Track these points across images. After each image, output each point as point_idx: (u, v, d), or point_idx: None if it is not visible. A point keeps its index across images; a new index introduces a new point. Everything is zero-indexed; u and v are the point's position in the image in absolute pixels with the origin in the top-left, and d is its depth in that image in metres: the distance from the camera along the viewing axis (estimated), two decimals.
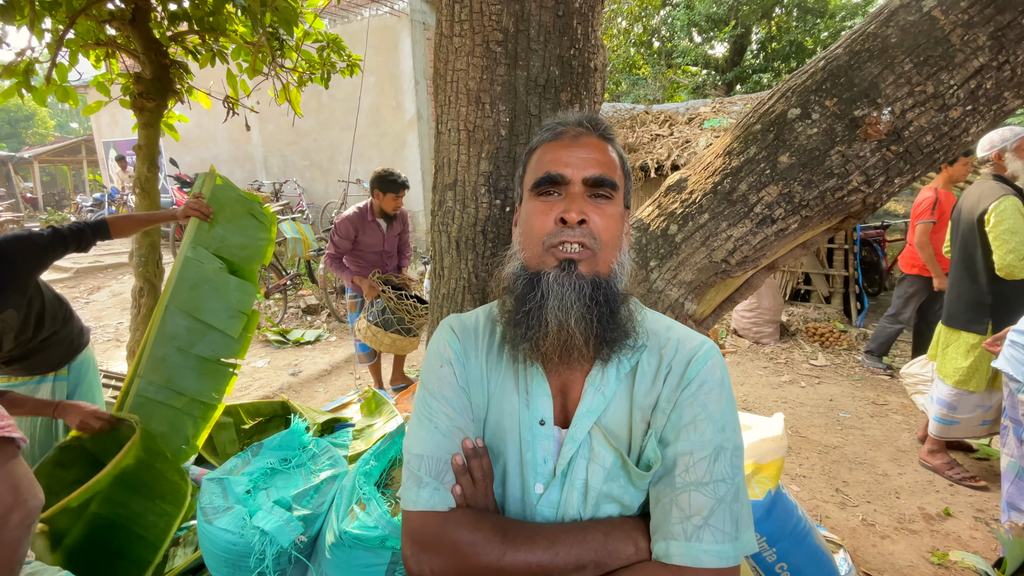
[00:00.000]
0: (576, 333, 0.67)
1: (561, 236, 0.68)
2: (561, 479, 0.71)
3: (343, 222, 3.08)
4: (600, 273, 0.69)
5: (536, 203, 0.72)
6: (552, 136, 0.74)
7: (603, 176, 0.70)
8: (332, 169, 7.86)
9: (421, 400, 0.76)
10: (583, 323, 0.66)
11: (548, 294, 0.67)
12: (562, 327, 0.67)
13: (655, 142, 5.50)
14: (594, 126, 0.74)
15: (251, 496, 1.25)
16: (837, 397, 3.50)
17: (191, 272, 1.82)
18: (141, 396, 1.72)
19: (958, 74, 0.87)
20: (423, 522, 0.68)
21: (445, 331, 0.80)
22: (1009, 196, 2.22)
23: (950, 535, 2.15)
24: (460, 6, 1.02)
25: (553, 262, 0.69)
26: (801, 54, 13.08)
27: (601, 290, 0.68)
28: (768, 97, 1.03)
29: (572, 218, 0.68)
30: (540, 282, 0.68)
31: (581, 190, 0.70)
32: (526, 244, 0.73)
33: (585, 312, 0.66)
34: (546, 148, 0.74)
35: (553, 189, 0.71)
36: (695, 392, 0.68)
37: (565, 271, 0.68)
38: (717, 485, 0.64)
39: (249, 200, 2.03)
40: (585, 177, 0.70)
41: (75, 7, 2.11)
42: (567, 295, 0.67)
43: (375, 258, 3.22)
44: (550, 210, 0.70)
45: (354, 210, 3.12)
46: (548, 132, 0.75)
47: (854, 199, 0.96)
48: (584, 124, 0.74)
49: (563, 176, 0.70)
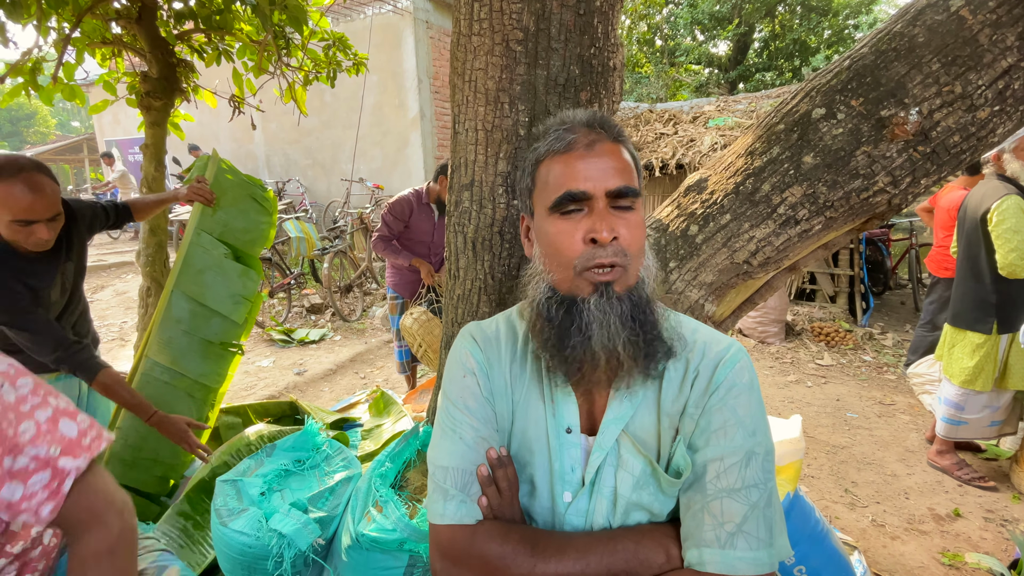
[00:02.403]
0: (627, 358, 0.65)
1: (595, 259, 0.64)
2: (589, 488, 0.70)
3: (397, 202, 2.83)
4: (630, 286, 0.67)
5: (559, 223, 0.67)
6: (564, 146, 0.68)
7: (626, 186, 0.66)
8: (335, 168, 7.84)
9: (444, 411, 0.74)
10: (631, 347, 0.64)
11: (591, 324, 0.64)
12: (611, 355, 0.65)
13: (659, 141, 5.48)
14: (606, 128, 0.69)
15: (266, 498, 1.24)
16: (844, 397, 3.50)
17: (197, 258, 1.85)
18: (147, 376, 1.77)
19: (986, 74, 0.86)
20: (451, 536, 0.67)
21: (466, 340, 0.78)
22: (1012, 195, 2.22)
23: (960, 536, 2.15)
24: (479, 5, 1.01)
25: (588, 287, 0.66)
26: (804, 52, 13.04)
27: (639, 306, 0.66)
28: (791, 97, 1.02)
29: (604, 238, 0.64)
30: (580, 312, 0.65)
31: (605, 203, 0.65)
32: (554, 267, 0.68)
33: (631, 335, 0.64)
34: (558, 160, 0.68)
35: (575, 206, 0.66)
36: (724, 396, 0.67)
37: (604, 296, 0.65)
38: (749, 491, 0.63)
39: (251, 184, 2.06)
40: (609, 190, 0.65)
41: (81, 5, 2.10)
42: (612, 322, 0.64)
43: (423, 249, 2.94)
44: (575, 230, 0.66)
45: (409, 191, 2.87)
46: (557, 141, 0.69)
47: (879, 200, 0.95)
48: (596, 127, 0.69)
49: (585, 193, 0.65)
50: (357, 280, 5.80)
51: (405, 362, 3.16)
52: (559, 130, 0.70)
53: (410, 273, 2.94)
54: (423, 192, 2.85)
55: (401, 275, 2.99)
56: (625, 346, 0.64)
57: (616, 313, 0.65)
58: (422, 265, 2.83)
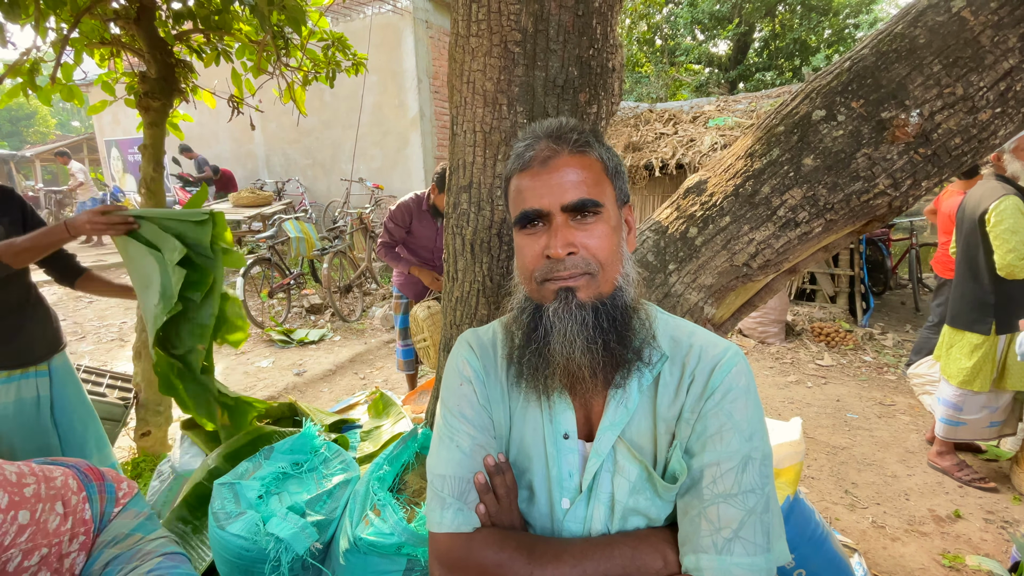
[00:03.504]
0: (583, 366, 0.66)
1: (552, 272, 0.67)
2: (587, 494, 0.70)
3: (398, 209, 2.84)
4: (603, 294, 0.67)
5: (522, 238, 0.70)
6: (522, 165, 0.69)
7: (582, 199, 0.66)
8: (335, 168, 7.83)
9: (442, 419, 0.75)
10: (588, 354, 0.65)
11: (551, 329, 0.66)
12: (569, 361, 0.66)
13: (659, 140, 5.47)
14: (563, 139, 0.69)
15: (263, 501, 1.23)
16: (844, 397, 3.49)
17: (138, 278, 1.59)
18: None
19: (988, 76, 0.86)
20: (449, 544, 0.68)
21: (463, 348, 0.79)
22: (1010, 196, 2.22)
23: (960, 537, 2.14)
24: (478, 6, 1.00)
25: (550, 295, 0.67)
26: (804, 52, 13.03)
27: (604, 314, 0.66)
28: (791, 98, 1.01)
29: (558, 254, 0.65)
30: (543, 317, 0.67)
31: (564, 218, 0.66)
32: (521, 277, 0.72)
33: (588, 344, 0.65)
34: (518, 177, 0.70)
35: (536, 221, 0.68)
36: (720, 401, 0.66)
37: (563, 302, 0.66)
38: (746, 496, 0.62)
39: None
40: (564, 205, 0.66)
41: (80, 6, 2.09)
42: (569, 328, 0.65)
43: (426, 254, 2.94)
44: (535, 244, 0.68)
45: (410, 196, 2.88)
46: (517, 158, 0.70)
47: (880, 202, 0.94)
48: (553, 139, 0.69)
49: (539, 211, 0.67)
50: (357, 280, 5.79)
51: (410, 360, 3.17)
52: (521, 146, 0.71)
53: (401, 250, 2.96)
54: (423, 197, 2.86)
55: (406, 275, 3.00)
56: (583, 353, 0.65)
57: (576, 321, 0.65)
58: (423, 274, 2.84)
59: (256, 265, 5.05)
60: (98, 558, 0.81)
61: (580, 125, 0.71)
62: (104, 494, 0.87)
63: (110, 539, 0.84)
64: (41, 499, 0.77)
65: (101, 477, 0.89)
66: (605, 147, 0.72)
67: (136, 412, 2.58)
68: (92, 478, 0.87)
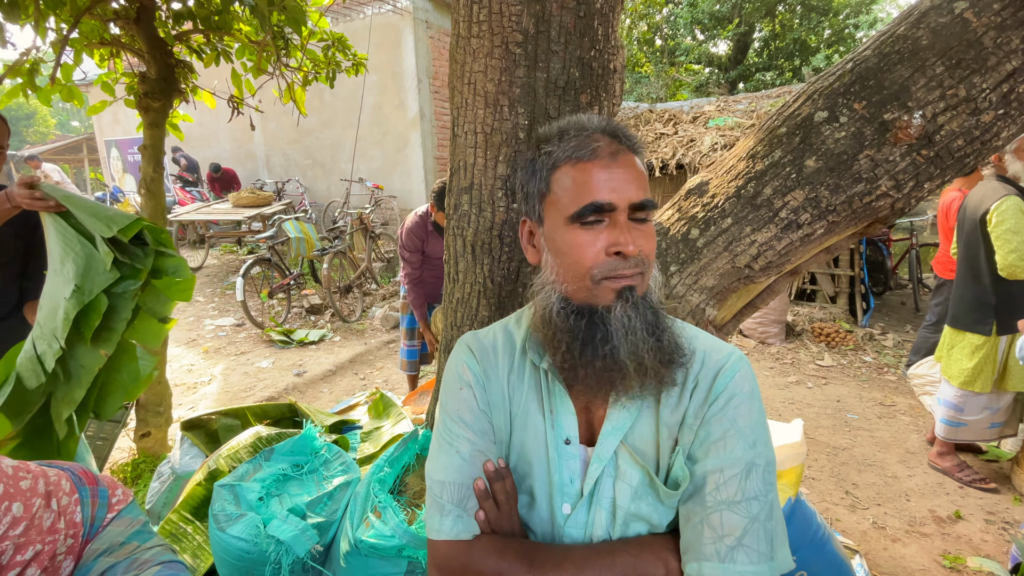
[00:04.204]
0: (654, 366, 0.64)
1: (616, 270, 0.63)
2: (588, 499, 0.69)
3: (408, 235, 2.86)
4: (645, 294, 0.66)
5: (579, 234, 0.65)
6: (589, 154, 0.65)
7: (647, 199, 0.65)
8: (335, 168, 7.83)
9: (442, 424, 0.74)
10: (658, 354, 0.63)
11: (617, 332, 0.63)
12: (639, 364, 0.63)
13: (659, 141, 5.47)
14: (626, 139, 0.67)
15: (264, 503, 1.23)
16: (844, 398, 3.49)
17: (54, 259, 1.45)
18: None
19: (991, 77, 0.85)
20: (448, 551, 0.67)
21: (463, 351, 0.77)
22: (1011, 196, 2.21)
23: (961, 538, 2.14)
24: (479, 7, 1.00)
25: (610, 295, 0.64)
26: (804, 52, 13.03)
27: (657, 313, 0.65)
28: (793, 100, 1.01)
29: (632, 251, 0.63)
30: (604, 321, 0.64)
31: (626, 216, 0.64)
32: (568, 276, 0.66)
33: (656, 342, 0.64)
34: (580, 168, 0.65)
35: (596, 217, 0.64)
36: (723, 407, 0.66)
37: (629, 302, 0.64)
38: (750, 503, 0.62)
39: None
40: (632, 203, 0.64)
41: (79, 6, 2.09)
42: (639, 329, 0.63)
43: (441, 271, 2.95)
44: (596, 240, 0.64)
45: (414, 219, 2.89)
46: (579, 148, 0.66)
47: (882, 204, 0.94)
48: (619, 138, 0.67)
49: (611, 204, 0.63)
50: (357, 280, 5.79)
51: (414, 361, 3.18)
52: (579, 136, 0.67)
53: (423, 272, 2.97)
54: (426, 215, 2.88)
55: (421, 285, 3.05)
56: (652, 353, 0.63)
57: (642, 319, 0.64)
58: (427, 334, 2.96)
59: (256, 265, 5.04)
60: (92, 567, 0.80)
61: (626, 127, 0.70)
62: (96, 499, 0.86)
63: (104, 548, 0.83)
64: (37, 494, 0.76)
65: (95, 481, 0.88)
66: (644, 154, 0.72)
67: (136, 413, 2.57)
68: (86, 481, 0.86)
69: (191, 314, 5.54)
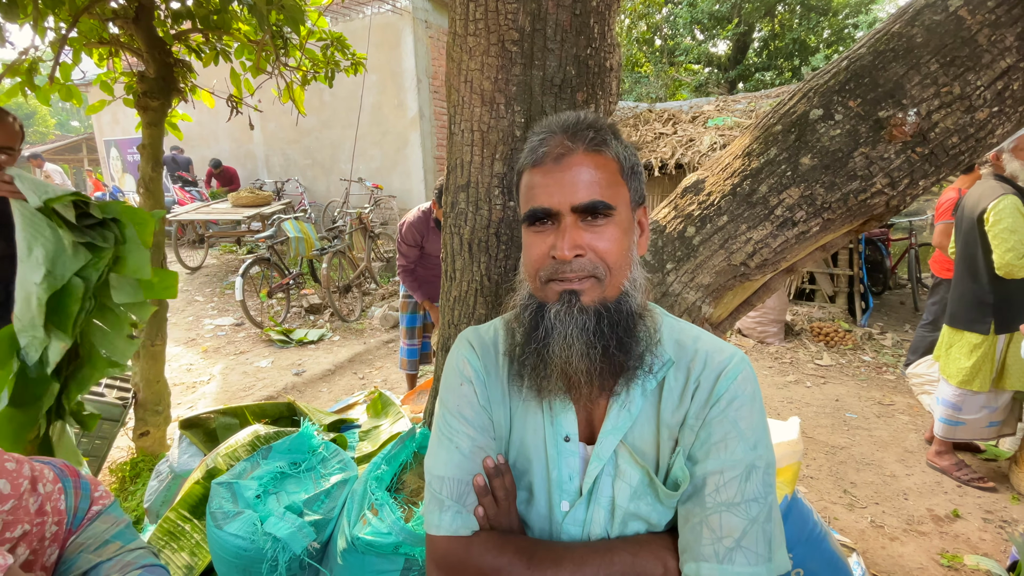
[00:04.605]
0: (580, 371, 0.64)
1: (557, 272, 0.65)
2: (587, 497, 0.69)
3: (408, 229, 2.88)
4: (607, 298, 0.66)
5: (529, 236, 0.68)
6: (533, 160, 0.67)
7: (594, 201, 0.63)
8: (334, 168, 7.83)
9: (441, 419, 0.74)
10: (586, 359, 0.64)
11: (551, 330, 0.65)
12: (567, 365, 0.64)
13: (659, 140, 5.47)
14: (579, 136, 0.65)
15: (261, 501, 1.23)
16: (843, 397, 3.49)
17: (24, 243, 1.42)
18: None
19: (985, 75, 0.86)
20: (447, 547, 0.67)
21: (463, 347, 0.77)
22: (1008, 195, 2.22)
23: (959, 537, 2.14)
24: (475, 5, 1.00)
25: (554, 296, 0.66)
26: (804, 52, 13.04)
27: (607, 320, 0.65)
28: (789, 98, 1.01)
29: (564, 255, 0.63)
30: (544, 317, 0.66)
31: (573, 219, 0.64)
32: (527, 274, 0.70)
33: (587, 348, 0.63)
34: (530, 173, 0.67)
35: (545, 219, 0.66)
36: (724, 409, 0.66)
37: (566, 305, 0.65)
38: (749, 505, 0.62)
39: None
40: (575, 205, 0.64)
41: (78, 5, 2.09)
42: (569, 331, 0.64)
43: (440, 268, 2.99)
44: (543, 243, 0.66)
45: (417, 214, 2.90)
46: (531, 153, 0.68)
47: (877, 201, 0.94)
48: (568, 135, 0.65)
49: (549, 210, 0.64)
50: (356, 280, 5.79)
51: (414, 360, 3.19)
52: (535, 140, 0.68)
53: (424, 272, 2.98)
54: (429, 213, 2.89)
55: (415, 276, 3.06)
56: (580, 358, 0.64)
57: (577, 325, 0.64)
58: (433, 310, 2.96)
59: (255, 265, 5.05)
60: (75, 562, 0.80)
61: (599, 120, 0.68)
62: (79, 490, 0.87)
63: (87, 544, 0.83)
64: (23, 476, 0.77)
65: (77, 475, 0.89)
66: (623, 144, 0.69)
67: (134, 412, 2.57)
68: (68, 474, 0.87)
69: (190, 314, 5.54)
